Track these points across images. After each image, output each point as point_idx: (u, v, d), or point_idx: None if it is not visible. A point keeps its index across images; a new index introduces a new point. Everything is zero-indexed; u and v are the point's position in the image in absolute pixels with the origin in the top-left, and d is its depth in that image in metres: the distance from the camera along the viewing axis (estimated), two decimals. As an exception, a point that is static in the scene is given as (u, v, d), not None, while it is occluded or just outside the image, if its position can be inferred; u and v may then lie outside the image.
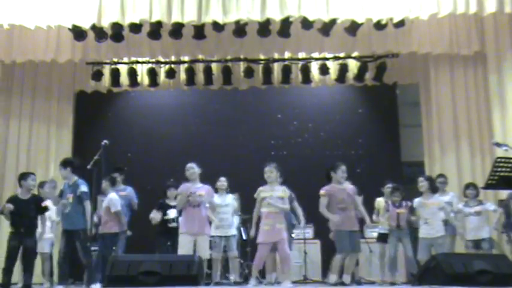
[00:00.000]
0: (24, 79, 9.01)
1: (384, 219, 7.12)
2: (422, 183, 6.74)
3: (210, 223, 6.66)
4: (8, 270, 6.15)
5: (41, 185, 7.21)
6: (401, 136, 9.73)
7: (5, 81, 8.67)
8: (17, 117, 8.85)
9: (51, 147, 8.95)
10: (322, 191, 6.16)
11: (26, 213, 6.18)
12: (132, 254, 6.57)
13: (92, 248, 6.71)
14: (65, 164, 6.48)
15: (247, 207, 6.95)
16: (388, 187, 7.37)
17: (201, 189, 6.22)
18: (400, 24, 7.57)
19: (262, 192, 6.14)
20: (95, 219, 6.96)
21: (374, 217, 7.33)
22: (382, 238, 7.28)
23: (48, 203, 6.82)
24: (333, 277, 6.26)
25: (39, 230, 6.55)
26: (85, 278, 6.66)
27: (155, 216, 7.22)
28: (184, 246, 6.05)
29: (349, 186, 6.28)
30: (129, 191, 7.59)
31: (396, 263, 6.99)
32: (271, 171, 6.18)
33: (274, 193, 6.11)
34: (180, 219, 6.70)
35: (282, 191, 6.20)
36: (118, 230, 6.91)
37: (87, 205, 6.32)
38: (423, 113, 8.80)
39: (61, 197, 6.66)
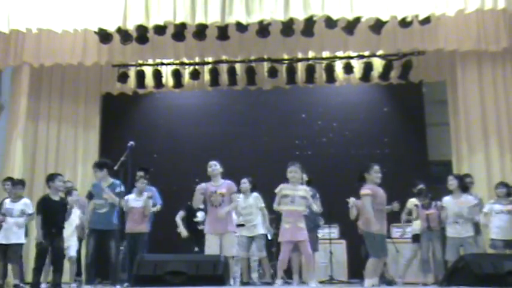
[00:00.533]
0: (52, 82, 9.19)
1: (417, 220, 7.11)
2: (452, 182, 6.64)
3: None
4: (39, 270, 6.29)
5: (69, 192, 7.28)
6: (428, 135, 9.58)
7: (34, 85, 8.83)
8: (45, 119, 9.02)
9: (79, 148, 9.11)
10: (366, 190, 5.87)
11: (56, 214, 6.29)
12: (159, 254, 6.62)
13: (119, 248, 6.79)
14: (101, 165, 6.60)
15: (272, 208, 6.93)
16: (419, 188, 7.28)
17: (222, 188, 6.17)
18: (426, 21, 7.46)
19: (284, 189, 6.09)
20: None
21: (404, 217, 7.27)
22: (416, 238, 7.23)
23: (74, 209, 6.96)
24: (369, 282, 6.09)
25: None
26: (111, 277, 6.73)
27: (182, 231, 7.28)
28: (210, 246, 6.04)
29: (380, 189, 6.17)
30: (153, 191, 7.62)
31: (429, 264, 6.92)
32: (295, 171, 6.14)
33: (296, 192, 6.08)
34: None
35: (304, 191, 6.16)
36: (146, 230, 6.98)
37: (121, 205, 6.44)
38: (450, 111, 8.65)
39: (91, 199, 6.76)
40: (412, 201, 7.40)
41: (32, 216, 6.78)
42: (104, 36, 7.80)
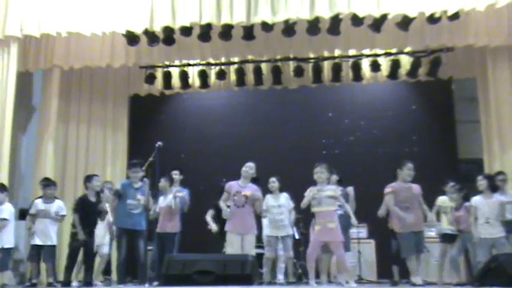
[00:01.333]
0: (82, 84, 9.35)
1: (447, 220, 6.99)
2: (481, 182, 6.51)
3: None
4: (70, 269, 6.42)
5: (101, 189, 7.32)
6: (458, 132, 9.41)
7: (64, 87, 8.99)
8: (75, 121, 9.19)
9: (108, 149, 9.25)
10: (387, 189, 5.95)
11: (91, 214, 6.41)
12: (187, 253, 6.68)
13: (148, 248, 6.87)
14: (142, 165, 6.67)
15: (299, 207, 6.91)
16: (451, 186, 7.15)
17: (247, 189, 6.23)
18: (455, 16, 7.31)
19: (312, 191, 6.09)
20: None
21: (431, 216, 7.15)
22: (446, 238, 7.10)
23: (107, 207, 7.06)
24: (416, 279, 6.04)
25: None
26: (140, 276, 6.81)
27: (212, 227, 7.31)
28: (232, 244, 6.08)
29: (414, 186, 6.10)
30: (186, 192, 7.66)
31: (459, 265, 6.81)
32: (321, 172, 6.12)
33: (323, 193, 6.05)
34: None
35: (332, 191, 6.12)
36: (176, 230, 7.03)
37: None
38: (481, 108, 8.45)
39: (119, 198, 6.85)
40: (441, 200, 7.27)
41: (65, 217, 6.92)
42: (131, 38, 7.90)
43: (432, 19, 7.38)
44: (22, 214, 7.83)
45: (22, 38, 7.83)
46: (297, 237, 7.70)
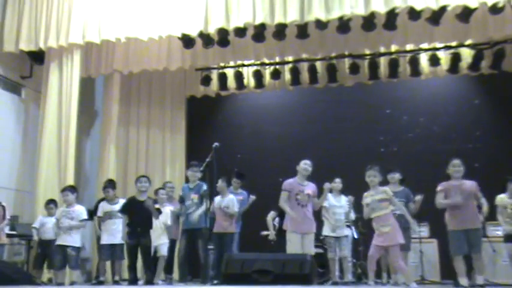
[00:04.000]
0: (141, 88, 9.63)
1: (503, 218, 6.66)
2: None
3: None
4: (132, 267, 6.57)
5: (156, 191, 7.49)
6: (525, 127, 8.97)
7: (124, 92, 9.28)
8: (135, 124, 9.47)
9: (167, 151, 9.48)
10: (438, 187, 5.86)
11: (141, 214, 6.53)
12: (246, 253, 6.72)
13: (209, 247, 6.95)
14: (199, 166, 6.77)
15: (357, 206, 6.81)
16: None
17: (308, 188, 6.19)
18: (519, 5, 7.00)
19: (366, 198, 6.02)
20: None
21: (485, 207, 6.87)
22: (508, 238, 6.78)
23: (166, 208, 7.20)
24: (462, 280, 5.85)
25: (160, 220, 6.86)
26: (201, 275, 6.91)
27: (271, 233, 7.33)
28: (293, 244, 6.04)
29: (467, 182, 5.89)
30: (245, 196, 7.69)
31: None
32: (374, 175, 5.99)
33: (375, 197, 5.93)
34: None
35: (383, 193, 5.97)
36: (232, 230, 7.09)
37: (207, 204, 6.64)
38: (549, 101, 8.05)
39: (182, 202, 6.98)
40: (501, 198, 6.92)
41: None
42: (187, 41, 8.04)
43: (495, 9, 7.06)
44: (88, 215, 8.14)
45: (84, 45, 8.15)
46: (355, 236, 7.59)
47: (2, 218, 6.87)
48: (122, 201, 7.15)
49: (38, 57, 8.44)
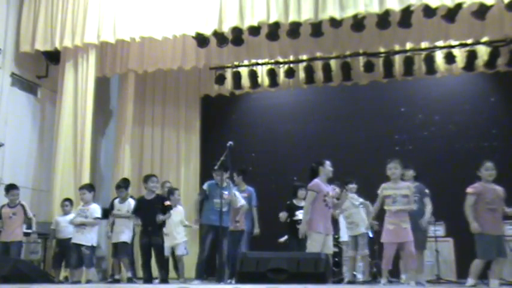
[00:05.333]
0: (155, 87, 9.68)
1: None
2: None
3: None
4: (146, 266, 6.60)
5: (171, 192, 7.41)
6: (542, 125, 8.86)
7: (139, 91, 9.34)
8: (150, 123, 9.53)
9: (181, 150, 9.52)
10: (470, 189, 5.67)
11: (151, 213, 6.55)
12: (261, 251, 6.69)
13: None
14: (225, 170, 6.69)
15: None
16: None
17: (331, 190, 6.24)
18: (537, 2, 6.90)
19: (386, 189, 5.90)
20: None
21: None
22: None
23: (179, 208, 7.22)
24: (471, 281, 5.78)
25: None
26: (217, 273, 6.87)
27: (282, 215, 7.28)
28: (317, 244, 5.98)
29: (498, 187, 5.80)
30: (251, 192, 7.64)
31: None
32: (395, 168, 5.93)
33: (398, 191, 5.87)
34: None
35: (407, 188, 5.92)
36: (242, 228, 7.08)
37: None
38: None
39: (204, 198, 6.83)
40: None
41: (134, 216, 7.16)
42: (201, 40, 8.06)
43: (511, 6, 6.99)
44: (103, 213, 8.19)
45: (99, 45, 8.21)
46: (370, 235, 7.55)
47: (22, 216, 6.97)
48: (129, 201, 7.17)
49: (53, 57, 8.53)
